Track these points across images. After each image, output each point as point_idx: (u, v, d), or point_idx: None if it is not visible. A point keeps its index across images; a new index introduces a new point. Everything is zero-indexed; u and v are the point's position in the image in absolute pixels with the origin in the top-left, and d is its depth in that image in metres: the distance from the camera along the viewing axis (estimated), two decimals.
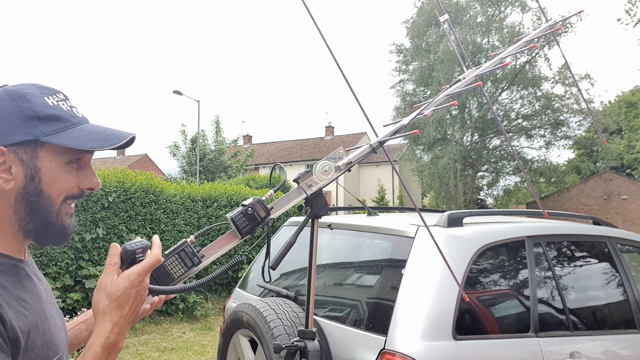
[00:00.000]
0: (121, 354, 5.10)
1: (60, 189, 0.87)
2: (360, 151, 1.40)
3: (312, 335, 1.49)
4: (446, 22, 1.84)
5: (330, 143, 33.09)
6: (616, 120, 26.15)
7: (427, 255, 2.00)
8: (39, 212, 0.86)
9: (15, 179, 0.84)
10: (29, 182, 0.84)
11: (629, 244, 2.76)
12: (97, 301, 0.89)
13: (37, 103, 0.85)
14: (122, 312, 0.88)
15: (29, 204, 0.85)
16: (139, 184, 6.58)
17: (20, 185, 0.84)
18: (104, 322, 0.87)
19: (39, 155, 0.85)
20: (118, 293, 0.88)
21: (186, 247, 1.11)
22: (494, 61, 1.66)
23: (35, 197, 0.85)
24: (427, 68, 21.40)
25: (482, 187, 24.85)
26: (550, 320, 2.25)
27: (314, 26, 1.41)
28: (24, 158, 0.84)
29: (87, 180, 0.91)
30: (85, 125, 0.90)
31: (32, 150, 0.84)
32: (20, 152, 0.84)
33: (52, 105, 0.87)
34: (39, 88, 0.88)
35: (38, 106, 0.85)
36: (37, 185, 0.85)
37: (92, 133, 0.88)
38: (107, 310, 0.88)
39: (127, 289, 0.89)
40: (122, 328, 0.88)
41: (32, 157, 0.84)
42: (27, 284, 0.87)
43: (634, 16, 17.84)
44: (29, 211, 0.86)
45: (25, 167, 0.84)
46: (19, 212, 0.85)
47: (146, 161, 38.31)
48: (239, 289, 3.00)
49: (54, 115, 0.86)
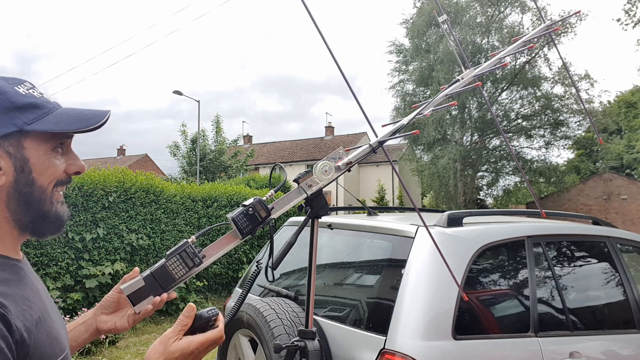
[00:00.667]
0: (121, 354, 5.10)
1: (50, 177, 0.86)
2: (360, 151, 1.40)
3: (312, 335, 1.49)
4: (445, 22, 1.84)
5: (330, 143, 33.08)
6: (616, 120, 26.15)
7: (427, 255, 2.00)
8: (32, 202, 0.85)
9: (5, 173, 0.82)
10: (20, 174, 0.83)
11: (628, 244, 2.77)
12: (154, 352, 0.92)
13: (10, 93, 0.83)
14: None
15: (22, 196, 0.84)
16: (139, 184, 6.58)
17: (11, 179, 0.83)
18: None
19: (25, 145, 0.83)
20: (175, 355, 0.91)
21: (187, 247, 1.11)
22: (492, 61, 1.66)
23: (28, 187, 0.84)
24: (427, 68, 21.39)
25: (482, 187, 24.85)
26: (550, 320, 2.25)
27: (314, 26, 1.41)
28: (10, 150, 0.82)
29: (73, 165, 0.91)
30: (60, 109, 0.89)
31: (17, 141, 0.83)
32: (6, 145, 0.82)
33: (25, 94, 0.85)
34: (5, 79, 0.86)
35: (13, 96, 0.83)
36: (28, 175, 0.84)
37: (70, 116, 0.87)
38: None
39: (185, 354, 0.91)
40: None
41: (19, 149, 0.83)
42: (27, 283, 0.86)
43: (633, 16, 17.85)
44: (22, 203, 0.84)
45: (13, 160, 0.82)
46: (12, 206, 0.84)
47: (146, 161, 38.33)
48: (239, 288, 3.00)
49: (31, 103, 0.84)
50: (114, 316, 1.12)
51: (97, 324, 1.11)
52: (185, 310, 0.95)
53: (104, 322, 1.11)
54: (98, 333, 1.12)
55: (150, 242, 6.59)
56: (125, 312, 1.13)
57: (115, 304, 1.13)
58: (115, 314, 1.13)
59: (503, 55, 1.68)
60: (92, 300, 5.82)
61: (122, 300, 1.12)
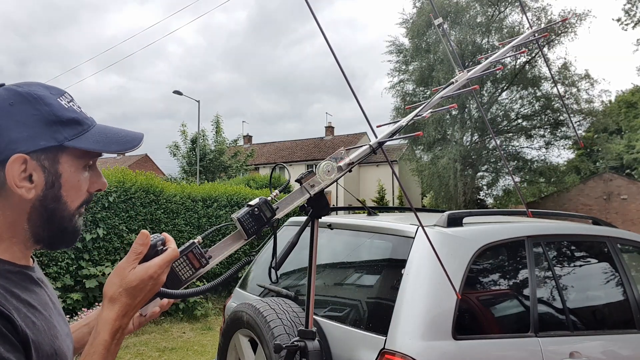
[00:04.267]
0: (121, 354, 5.10)
1: (77, 194, 0.86)
2: (361, 152, 1.40)
3: (312, 335, 1.49)
4: (440, 25, 1.84)
5: (330, 143, 33.07)
6: (616, 120, 26.13)
7: (427, 255, 2.00)
8: (55, 218, 0.84)
9: (36, 187, 0.81)
10: (49, 189, 0.82)
11: (628, 244, 2.77)
12: (110, 285, 0.86)
13: (55, 106, 0.82)
14: (132, 301, 0.86)
15: (47, 211, 0.83)
16: (139, 184, 6.58)
17: (40, 193, 0.81)
18: (113, 308, 0.85)
19: (61, 160, 0.82)
20: (134, 283, 0.86)
21: (194, 248, 1.10)
22: (483, 65, 1.67)
23: (54, 204, 0.83)
24: (427, 68, 21.39)
25: (482, 187, 24.84)
26: (550, 320, 2.25)
27: (315, 26, 1.41)
28: (45, 164, 0.81)
29: (96, 183, 0.90)
30: (97, 127, 0.88)
31: (54, 155, 0.82)
32: (42, 159, 0.81)
33: (68, 108, 0.84)
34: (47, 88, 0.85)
35: (57, 109, 0.82)
36: (57, 191, 0.83)
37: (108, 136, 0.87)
38: (118, 297, 0.85)
39: (145, 280, 0.87)
40: (129, 317, 0.87)
41: (54, 163, 0.82)
42: (34, 290, 0.85)
43: (633, 16, 17.85)
44: (45, 219, 0.83)
45: (46, 174, 0.81)
46: (33, 219, 0.82)
47: (146, 161, 38.30)
48: (239, 288, 3.00)
49: (74, 118, 0.84)
50: None
51: None
52: (138, 238, 0.89)
53: None
54: None
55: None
56: None
57: None
58: None
59: (493, 59, 1.69)
60: (92, 301, 5.82)
61: None
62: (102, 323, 0.84)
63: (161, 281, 0.90)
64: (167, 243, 0.94)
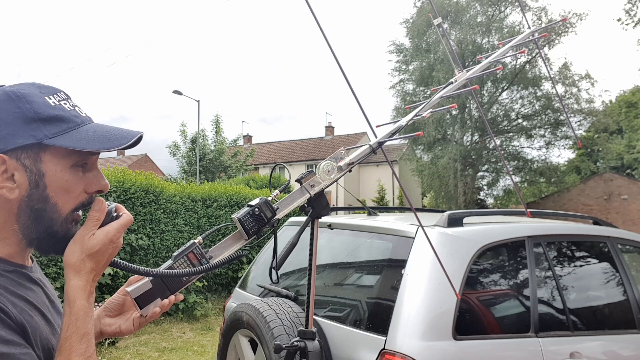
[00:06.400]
0: (121, 354, 5.10)
1: (67, 195, 0.83)
2: (361, 151, 1.40)
3: (312, 335, 1.49)
4: (440, 25, 1.84)
5: (330, 143, 33.08)
6: (616, 120, 26.13)
7: (427, 256, 2.00)
8: (43, 220, 0.82)
9: (19, 186, 0.79)
10: (34, 188, 0.80)
11: (629, 244, 2.76)
12: (72, 254, 0.83)
13: (38, 103, 0.80)
14: (97, 266, 0.84)
15: (34, 212, 0.81)
16: (138, 184, 6.57)
17: (25, 193, 0.80)
18: (80, 276, 0.82)
19: (43, 159, 0.80)
20: (97, 247, 0.84)
21: (195, 248, 1.09)
22: (482, 65, 1.66)
23: (41, 204, 0.81)
24: (427, 68, 21.39)
25: (482, 187, 24.84)
26: (550, 320, 2.25)
27: (315, 26, 1.41)
28: (26, 163, 0.79)
29: (95, 183, 0.88)
30: (89, 125, 0.86)
31: (35, 154, 0.80)
32: (23, 157, 0.79)
33: (54, 105, 0.82)
34: (38, 87, 0.84)
35: (39, 107, 0.80)
36: (43, 191, 0.81)
37: (97, 133, 0.84)
38: (82, 263, 0.83)
39: (106, 244, 0.85)
40: (95, 282, 0.85)
41: (36, 162, 0.80)
42: (31, 288, 0.84)
43: (634, 16, 17.84)
44: (33, 219, 0.82)
45: (29, 173, 0.80)
46: (22, 220, 0.81)
47: (146, 161, 38.32)
48: (238, 289, 3.00)
49: (57, 115, 0.81)
50: (119, 319, 1.09)
51: (101, 326, 1.07)
52: (94, 204, 0.87)
53: (108, 325, 1.07)
54: (102, 336, 1.08)
55: (150, 242, 6.58)
56: (130, 315, 1.09)
57: (120, 307, 1.09)
58: (119, 316, 1.09)
59: (492, 59, 1.69)
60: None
61: (127, 303, 1.09)
62: (74, 291, 0.81)
63: (119, 245, 0.88)
64: (119, 210, 0.92)
